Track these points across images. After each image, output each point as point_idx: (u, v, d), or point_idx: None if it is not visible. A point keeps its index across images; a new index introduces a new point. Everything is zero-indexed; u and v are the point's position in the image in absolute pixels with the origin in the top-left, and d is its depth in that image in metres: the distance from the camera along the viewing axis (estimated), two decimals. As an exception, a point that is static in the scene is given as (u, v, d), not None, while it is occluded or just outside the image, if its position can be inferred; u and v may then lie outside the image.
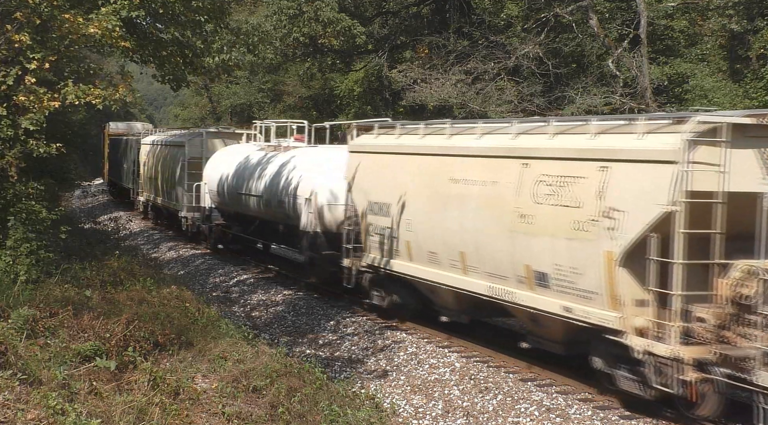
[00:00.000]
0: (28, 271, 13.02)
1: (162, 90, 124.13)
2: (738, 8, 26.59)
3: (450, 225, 13.27)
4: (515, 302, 12.10)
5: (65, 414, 7.17)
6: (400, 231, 14.58)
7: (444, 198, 13.42)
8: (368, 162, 15.81)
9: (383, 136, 15.77)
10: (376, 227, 15.36)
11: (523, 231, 11.67)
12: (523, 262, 11.76)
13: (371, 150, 15.77)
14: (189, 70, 16.34)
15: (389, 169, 15.03)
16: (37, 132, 13.32)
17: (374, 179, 15.52)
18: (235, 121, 54.20)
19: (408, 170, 14.51)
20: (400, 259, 14.77)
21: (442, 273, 13.67)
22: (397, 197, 14.62)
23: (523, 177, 11.73)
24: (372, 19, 34.48)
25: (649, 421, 10.58)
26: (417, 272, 14.33)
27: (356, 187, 16.16)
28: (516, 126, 12.39)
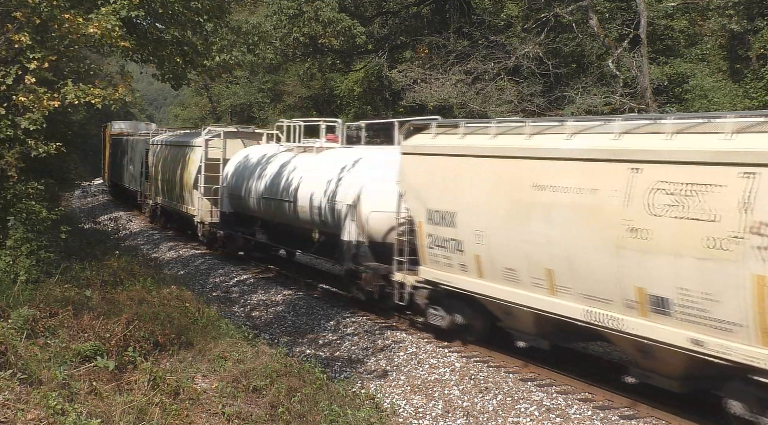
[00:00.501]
0: (28, 271, 13.02)
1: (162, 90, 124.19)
2: (738, 8, 26.60)
3: (533, 239, 11.51)
4: (621, 330, 10.35)
5: (65, 414, 7.17)
6: (467, 243, 12.80)
7: (525, 207, 11.66)
8: (426, 165, 14.02)
9: (443, 136, 13.91)
10: (437, 238, 13.52)
11: (634, 247, 9.95)
12: (634, 284, 10.03)
13: (429, 152, 13.95)
14: (189, 68, 16.37)
15: (453, 173, 13.27)
16: (36, 132, 13.33)
17: (434, 185, 13.69)
18: (235, 120, 54.22)
19: (477, 175, 12.76)
20: (466, 275, 12.98)
21: (521, 292, 11.90)
22: (463, 205, 12.90)
23: (634, 184, 10.02)
24: (372, 19, 34.49)
25: (649, 421, 10.59)
26: (488, 290, 12.56)
27: (411, 193, 14.32)
28: (618, 124, 10.63)
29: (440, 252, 13.55)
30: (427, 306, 14.39)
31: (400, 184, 14.72)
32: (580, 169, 10.91)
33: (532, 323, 12.16)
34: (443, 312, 14.07)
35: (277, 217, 20.96)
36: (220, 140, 25.55)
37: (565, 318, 11.23)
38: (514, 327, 12.83)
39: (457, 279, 13.27)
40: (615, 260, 10.23)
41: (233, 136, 26.15)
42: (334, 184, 17.63)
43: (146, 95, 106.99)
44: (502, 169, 12.28)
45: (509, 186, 12.04)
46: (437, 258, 13.67)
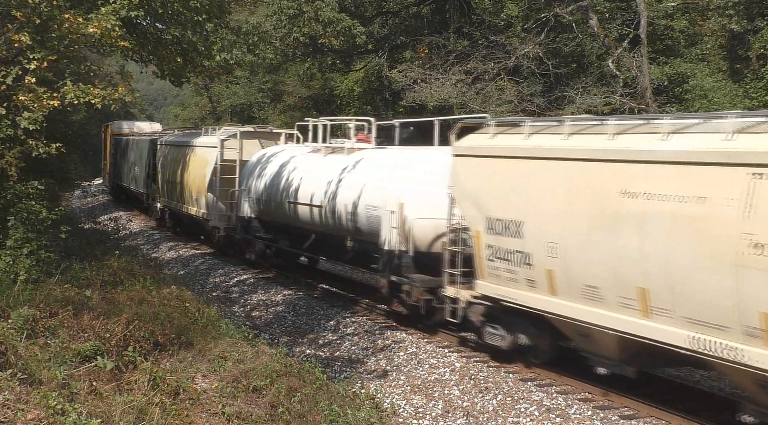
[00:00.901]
0: (28, 271, 13.02)
1: (162, 90, 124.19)
2: (738, 8, 26.61)
3: (622, 253, 10.17)
4: (740, 362, 9.04)
5: (65, 414, 7.17)
6: (537, 256, 11.44)
7: (612, 217, 10.30)
8: (484, 168, 12.61)
9: (503, 135, 12.56)
10: (499, 250, 12.17)
11: (758, 266, 8.67)
12: (759, 309, 8.80)
13: (488, 153, 12.56)
14: (189, 68, 16.38)
15: (519, 177, 11.91)
16: (36, 132, 13.33)
17: (495, 190, 12.31)
18: (235, 120, 54.23)
19: (550, 180, 11.37)
20: (535, 292, 11.65)
21: (604, 313, 10.55)
22: (532, 214, 11.52)
23: (757, 192, 8.75)
24: (372, 19, 34.49)
25: (649, 421, 10.59)
26: (562, 310, 11.22)
27: (466, 199, 12.92)
28: (731, 122, 9.27)
29: (502, 265, 12.17)
30: (484, 325, 13.06)
31: (453, 189, 13.30)
32: (683, 173, 9.59)
33: (615, 347, 10.85)
34: (503, 332, 12.76)
35: (304, 223, 19.43)
36: (236, 140, 24.04)
37: (663, 345, 9.90)
38: (592, 350, 11.45)
39: (522, 296, 11.90)
40: (732, 281, 8.93)
41: (250, 136, 24.62)
42: (371, 188, 16.32)
43: (146, 95, 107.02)
44: (580, 174, 10.92)
45: (590, 193, 10.71)
46: (498, 271, 12.28)
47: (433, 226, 14.79)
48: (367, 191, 16.37)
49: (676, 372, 12.88)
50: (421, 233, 15.05)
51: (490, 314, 12.92)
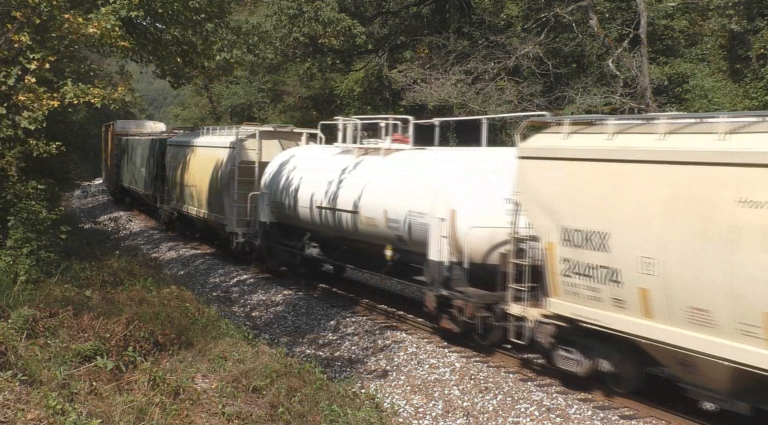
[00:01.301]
0: (28, 271, 13.03)
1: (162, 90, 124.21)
2: (738, 8, 26.59)
3: (743, 272, 8.84)
4: None
5: (65, 414, 7.17)
6: (627, 273, 10.10)
7: (727, 229, 8.99)
8: (558, 172, 11.30)
9: (580, 135, 11.20)
10: (578, 264, 10.86)
11: None
12: None
13: (563, 155, 11.20)
14: (189, 68, 16.38)
15: (603, 182, 10.58)
16: (36, 132, 13.34)
17: (572, 197, 11.00)
18: (235, 120, 54.22)
19: (643, 185, 10.05)
20: (623, 313, 10.30)
21: (717, 341, 9.24)
22: (621, 224, 10.19)
23: None
24: (372, 19, 34.48)
25: (649, 421, 10.59)
26: (660, 335, 9.94)
27: (536, 206, 11.62)
28: None
29: (582, 281, 10.88)
30: (555, 347, 11.75)
31: (519, 195, 11.97)
32: None
33: (728, 380, 9.59)
34: (579, 356, 11.42)
35: (335, 231, 17.85)
36: (254, 141, 22.44)
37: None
38: (695, 382, 10.15)
39: (607, 317, 10.57)
40: None
41: (270, 136, 22.94)
42: (415, 193, 14.92)
43: (146, 95, 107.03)
44: (684, 179, 9.60)
45: (697, 201, 9.38)
46: (577, 288, 10.97)
47: (488, 236, 13.53)
48: (411, 196, 15.01)
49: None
50: (476, 243, 13.66)
51: (563, 336, 11.57)
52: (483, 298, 13.35)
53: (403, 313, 16.87)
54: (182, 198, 27.98)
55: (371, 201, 16.19)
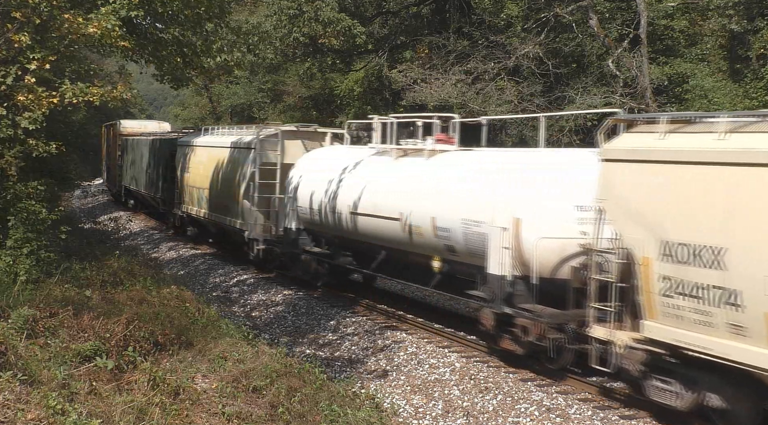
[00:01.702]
0: (28, 271, 13.03)
1: (162, 90, 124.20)
2: (738, 8, 26.58)
3: None
4: None
5: (65, 414, 7.18)
6: (751, 295, 8.78)
7: None
8: (656, 177, 10.03)
9: (680, 135, 9.91)
10: (682, 283, 9.56)
11: None
12: None
13: (660, 158, 9.90)
14: (188, 69, 16.36)
15: (715, 189, 9.23)
16: (36, 131, 13.34)
17: (675, 205, 9.70)
18: (235, 120, 54.20)
19: None
20: (745, 341, 8.98)
21: None
22: (743, 239, 8.88)
23: None
24: (372, 19, 34.47)
25: (649, 421, 10.58)
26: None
27: (626, 215, 10.29)
28: None
29: (687, 303, 9.56)
30: (647, 376, 10.40)
31: (605, 202, 10.67)
32: None
33: None
34: (679, 388, 10.07)
35: (372, 239, 16.64)
36: (276, 141, 21.17)
37: None
38: None
39: (721, 346, 9.21)
40: None
41: (292, 136, 21.56)
42: (469, 199, 13.65)
43: (146, 95, 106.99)
44: None
45: None
46: (681, 311, 9.65)
47: (558, 247, 12.14)
48: (464, 203, 13.70)
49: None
50: (544, 256, 12.20)
51: (658, 364, 10.25)
52: (555, 318, 11.99)
53: (402, 313, 16.86)
54: (194, 201, 26.73)
55: (415, 207, 14.93)
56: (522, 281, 12.57)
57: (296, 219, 19.42)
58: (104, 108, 16.39)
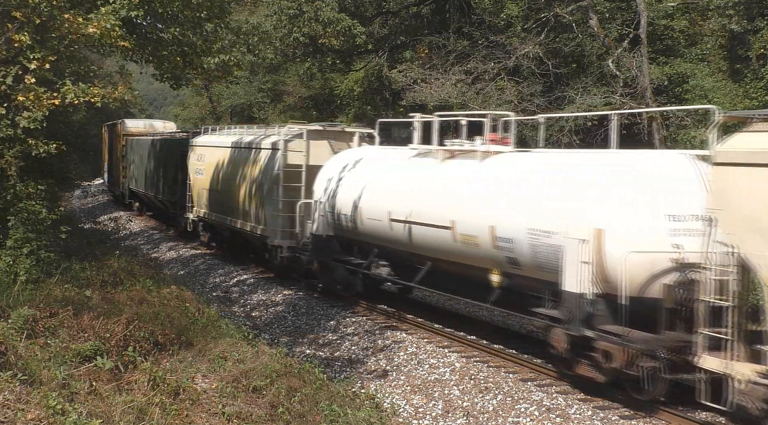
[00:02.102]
0: (29, 271, 13.04)
1: (162, 90, 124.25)
2: (738, 8, 26.57)
3: None
4: None
5: (65, 414, 7.18)
6: None
7: None
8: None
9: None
10: None
11: None
12: None
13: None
14: (188, 69, 16.37)
15: None
16: (36, 131, 13.35)
17: None
18: (235, 121, 54.20)
19: None
20: None
21: None
22: None
23: None
24: (372, 19, 34.47)
25: (649, 421, 10.58)
26: None
27: (747, 227, 8.91)
28: None
29: None
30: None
31: (717, 212, 9.40)
32: None
33: None
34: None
35: (417, 248, 15.26)
36: (301, 141, 19.78)
37: None
38: None
39: None
40: None
41: (318, 135, 20.15)
42: (538, 206, 12.26)
43: (146, 95, 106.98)
44: None
45: None
46: None
47: (648, 263, 10.79)
48: (530, 210, 12.37)
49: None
50: (632, 272, 10.78)
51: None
52: (648, 343, 10.57)
53: (402, 313, 16.84)
54: (209, 205, 25.13)
55: (469, 215, 13.56)
56: (603, 300, 11.19)
57: (326, 226, 18.00)
58: (104, 108, 16.35)
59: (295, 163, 19.72)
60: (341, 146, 19.88)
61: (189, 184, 27.07)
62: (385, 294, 18.43)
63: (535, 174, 12.94)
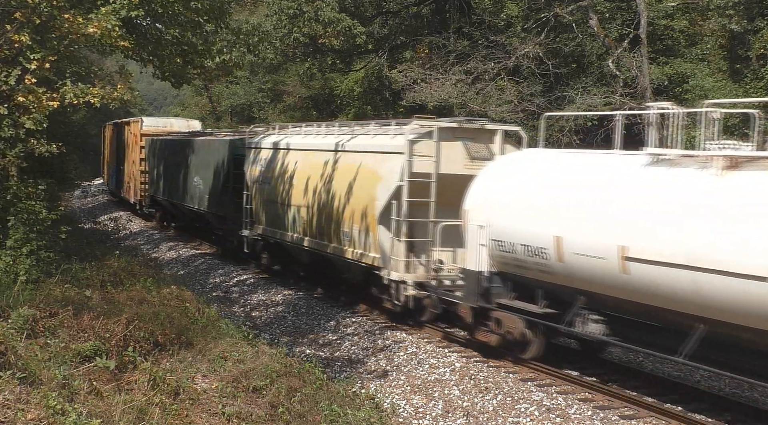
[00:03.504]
0: (29, 271, 13.04)
1: (162, 90, 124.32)
2: (738, 8, 26.58)
3: None
4: None
5: (65, 414, 7.18)
6: None
7: None
8: None
9: None
10: None
11: None
12: None
13: None
14: (189, 69, 16.38)
15: None
16: (37, 131, 13.36)
17: None
18: (235, 121, 54.23)
19: None
20: None
21: None
22: None
23: None
24: (372, 19, 34.49)
25: (649, 421, 10.59)
26: None
27: None
28: None
29: None
30: None
31: None
32: None
33: None
34: None
35: (677, 305, 10.28)
36: (430, 142, 15.08)
37: None
38: None
39: None
40: None
41: (450, 135, 15.33)
42: None
43: (146, 95, 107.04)
44: None
45: None
46: None
47: None
48: None
49: (675, 372, 12.93)
50: None
51: None
52: None
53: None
54: (279, 222, 20.06)
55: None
56: None
57: (485, 258, 13.24)
58: (104, 108, 16.32)
59: (422, 172, 15.02)
60: (479, 149, 15.49)
61: (247, 195, 21.74)
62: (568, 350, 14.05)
63: None
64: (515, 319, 12.78)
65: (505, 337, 13.01)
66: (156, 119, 41.26)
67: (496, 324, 13.17)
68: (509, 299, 13.09)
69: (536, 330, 12.69)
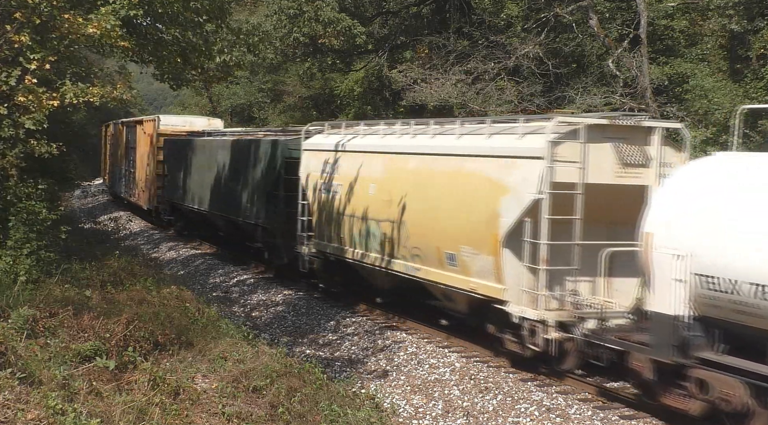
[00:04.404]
0: (29, 271, 13.03)
1: (162, 90, 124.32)
2: (738, 8, 26.57)
3: None
4: None
5: (65, 414, 7.18)
6: None
7: None
8: None
9: None
10: None
11: None
12: None
13: None
14: (188, 69, 16.37)
15: None
16: (37, 132, 13.36)
17: None
18: (235, 121, 54.23)
19: None
20: None
21: None
22: None
23: None
24: (372, 19, 34.49)
25: (649, 421, 10.59)
26: None
27: None
28: None
29: None
30: None
31: None
32: None
33: None
34: None
35: None
36: (575, 144, 12.08)
37: None
38: None
39: None
40: None
41: (599, 134, 12.32)
42: None
43: (146, 95, 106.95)
44: None
45: None
46: None
47: None
48: None
49: None
50: None
51: None
52: None
53: (402, 313, 16.79)
54: (348, 238, 17.08)
55: None
56: None
57: (683, 298, 10.03)
58: (104, 107, 16.32)
59: (566, 182, 12.06)
60: (632, 152, 12.45)
61: (304, 205, 18.80)
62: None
63: None
64: (732, 383, 9.43)
65: (716, 405, 9.70)
66: (174, 117, 37.32)
67: (697, 387, 9.91)
68: (716, 353, 9.84)
69: (757, 401, 9.24)
